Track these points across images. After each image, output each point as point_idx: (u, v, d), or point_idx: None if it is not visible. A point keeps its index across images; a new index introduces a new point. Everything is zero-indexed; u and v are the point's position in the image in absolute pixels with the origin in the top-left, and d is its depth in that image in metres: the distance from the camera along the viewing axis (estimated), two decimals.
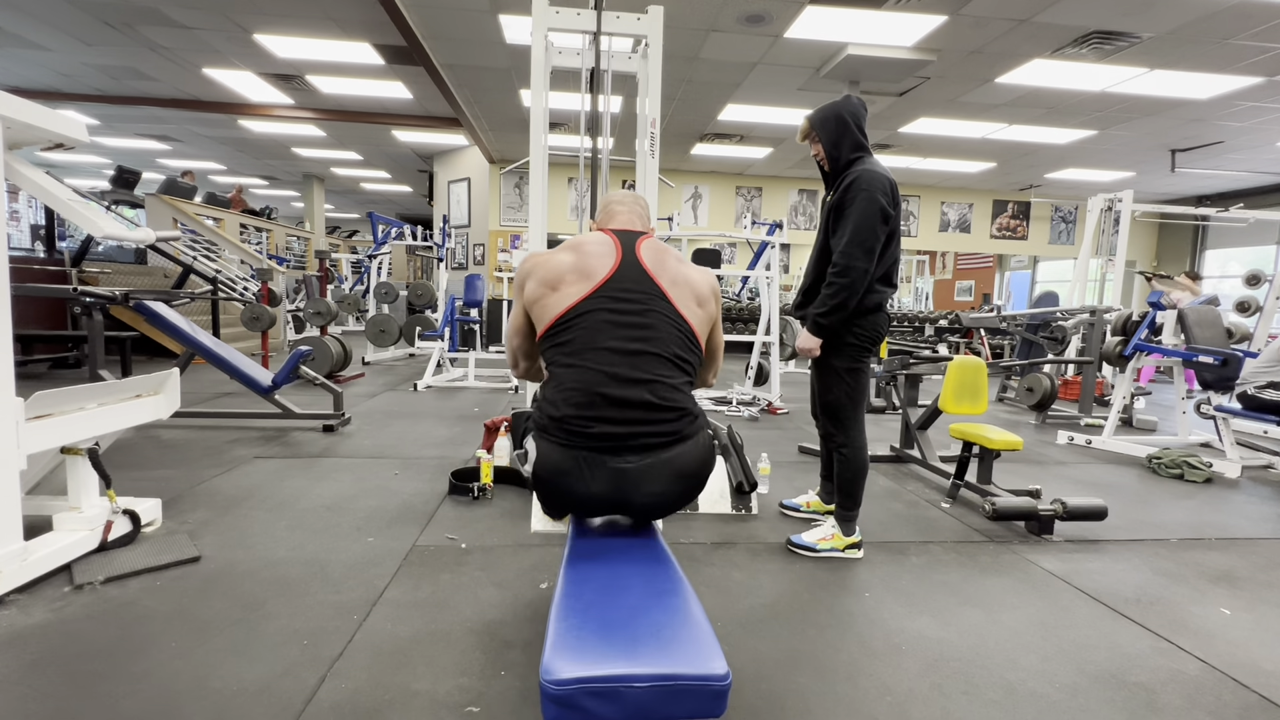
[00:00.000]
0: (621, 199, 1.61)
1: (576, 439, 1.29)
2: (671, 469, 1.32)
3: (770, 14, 4.75)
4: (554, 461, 1.31)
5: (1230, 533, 2.69)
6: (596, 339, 1.32)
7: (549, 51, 2.80)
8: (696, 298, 1.43)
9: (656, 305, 1.37)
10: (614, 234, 1.47)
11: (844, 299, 2.08)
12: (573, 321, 1.35)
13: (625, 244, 1.44)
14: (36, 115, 1.83)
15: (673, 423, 1.32)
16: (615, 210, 1.58)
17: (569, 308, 1.35)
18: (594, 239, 1.45)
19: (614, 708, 0.86)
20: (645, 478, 1.30)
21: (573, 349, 1.33)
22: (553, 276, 1.39)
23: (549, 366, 1.40)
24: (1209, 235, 10.99)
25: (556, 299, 1.37)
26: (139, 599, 1.79)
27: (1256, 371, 3.60)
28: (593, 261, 1.39)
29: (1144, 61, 5.37)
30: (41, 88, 7.46)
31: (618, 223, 1.55)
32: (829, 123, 2.17)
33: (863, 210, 2.05)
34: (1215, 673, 1.63)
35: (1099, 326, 5.19)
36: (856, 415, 2.23)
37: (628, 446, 1.29)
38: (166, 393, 2.37)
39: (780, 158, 9.25)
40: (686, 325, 1.39)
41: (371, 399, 5.08)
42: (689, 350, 1.39)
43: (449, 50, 5.71)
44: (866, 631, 1.77)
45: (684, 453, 1.33)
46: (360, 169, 11.99)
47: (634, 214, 1.58)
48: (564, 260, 1.40)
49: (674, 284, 1.40)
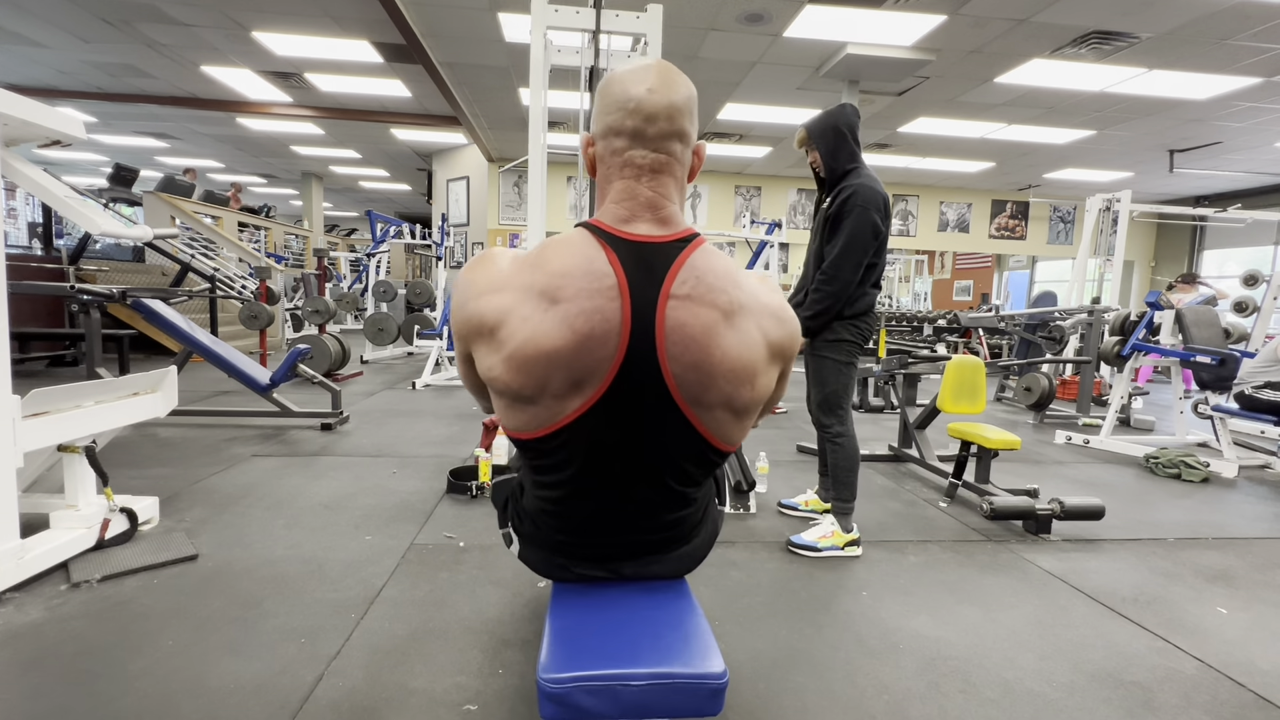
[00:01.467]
0: (639, 105, 0.85)
1: (565, 555, 1.06)
2: (673, 566, 1.09)
3: (769, 13, 4.75)
4: (542, 565, 1.10)
5: (1227, 532, 2.70)
6: (598, 479, 0.95)
7: (548, 50, 2.80)
8: (750, 394, 0.90)
9: (669, 424, 0.89)
10: (617, 254, 0.84)
11: (829, 305, 2.25)
12: (553, 447, 0.91)
13: (638, 289, 0.83)
14: (34, 112, 1.82)
15: (678, 534, 1.07)
16: (626, 150, 0.88)
17: (548, 431, 0.89)
18: (583, 276, 0.83)
19: (611, 705, 0.86)
20: (642, 573, 1.08)
21: (556, 478, 0.97)
22: (521, 355, 0.83)
23: (524, 469, 1.08)
24: (1207, 235, 11.01)
25: (525, 409, 0.88)
26: (136, 597, 1.79)
27: (1254, 371, 3.61)
28: (587, 347, 0.82)
29: (1143, 62, 5.37)
30: (39, 85, 7.44)
31: (633, 204, 0.88)
32: (827, 135, 2.27)
33: (857, 227, 2.19)
34: (1212, 671, 1.63)
35: (1097, 326, 5.20)
36: (849, 406, 2.38)
37: (626, 557, 1.06)
38: (164, 391, 2.37)
39: (779, 157, 9.25)
40: (709, 444, 0.93)
41: (370, 397, 5.07)
42: (708, 462, 0.98)
43: (448, 48, 5.70)
44: (864, 630, 1.77)
45: (690, 549, 1.10)
46: (359, 167, 11.97)
47: (664, 159, 0.88)
48: (549, 336, 0.82)
49: (709, 385, 0.87)
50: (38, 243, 7.85)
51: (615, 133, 0.87)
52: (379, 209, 15.85)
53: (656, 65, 0.88)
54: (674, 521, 1.04)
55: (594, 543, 1.04)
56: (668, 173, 0.89)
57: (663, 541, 1.06)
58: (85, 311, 3.59)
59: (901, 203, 10.90)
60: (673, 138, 0.87)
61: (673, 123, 0.86)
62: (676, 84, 0.87)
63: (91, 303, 3.54)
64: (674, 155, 0.89)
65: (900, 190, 10.84)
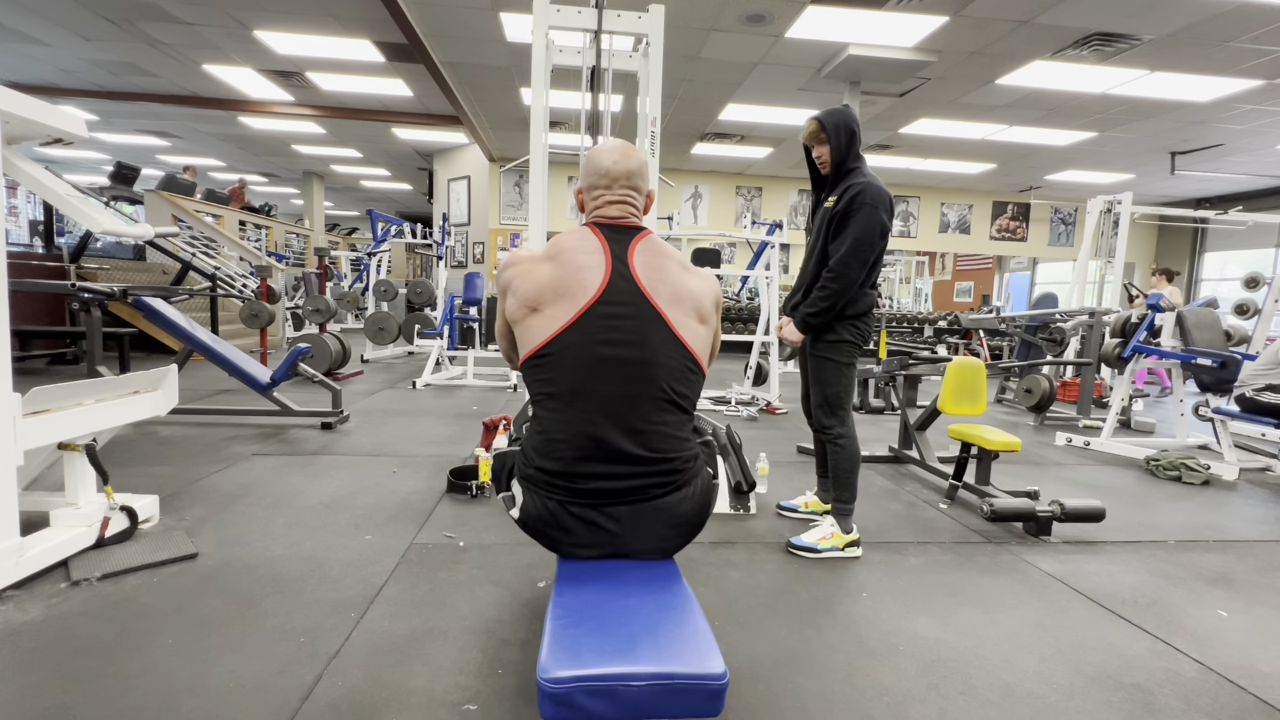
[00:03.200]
0: (607, 170, 1.33)
1: (564, 493, 1.21)
2: (666, 518, 1.23)
3: (771, 14, 4.75)
4: (541, 514, 1.23)
5: (1227, 535, 2.70)
6: (584, 381, 1.18)
7: (550, 50, 2.80)
8: (699, 313, 1.28)
9: (652, 331, 1.21)
10: (603, 234, 1.28)
11: (834, 302, 2.23)
12: (555, 354, 1.20)
13: (616, 251, 1.26)
14: (36, 110, 1.82)
15: (668, 474, 1.22)
16: (602, 194, 1.35)
17: (550, 338, 1.19)
18: (578, 245, 1.26)
19: (611, 706, 0.86)
20: (638, 528, 1.22)
21: (557, 390, 1.20)
22: (532, 295, 1.22)
23: (532, 403, 1.28)
24: (1208, 238, 11.01)
25: (537, 324, 1.21)
26: (136, 596, 1.79)
27: (1255, 374, 3.61)
28: (577, 277, 1.21)
29: (1144, 64, 5.37)
30: (41, 83, 7.45)
31: (608, 213, 1.34)
32: (842, 133, 2.25)
33: (866, 225, 2.18)
34: (1212, 674, 1.63)
35: (1097, 328, 5.19)
36: (849, 407, 2.37)
37: (620, 500, 1.20)
38: (164, 389, 2.37)
39: (780, 158, 9.25)
40: (686, 350, 1.24)
41: (370, 397, 5.07)
42: (689, 380, 1.25)
43: (450, 48, 5.71)
44: (864, 631, 1.77)
45: (680, 500, 1.24)
46: (360, 166, 11.98)
47: (626, 196, 1.35)
48: (544, 274, 1.22)
49: (675, 301, 1.24)
50: (39, 240, 7.85)
51: (595, 187, 1.36)
52: (380, 208, 15.83)
53: (621, 145, 1.37)
54: (661, 436, 1.21)
55: (592, 473, 1.19)
56: (627, 203, 1.36)
57: (653, 472, 1.21)
58: (86, 309, 3.60)
59: (903, 204, 10.90)
60: (629, 189, 1.35)
61: (629, 180, 1.35)
62: (631, 158, 1.36)
63: (92, 301, 3.54)
64: (631, 198, 1.36)
65: (901, 191, 10.84)
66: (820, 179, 2.38)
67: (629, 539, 1.22)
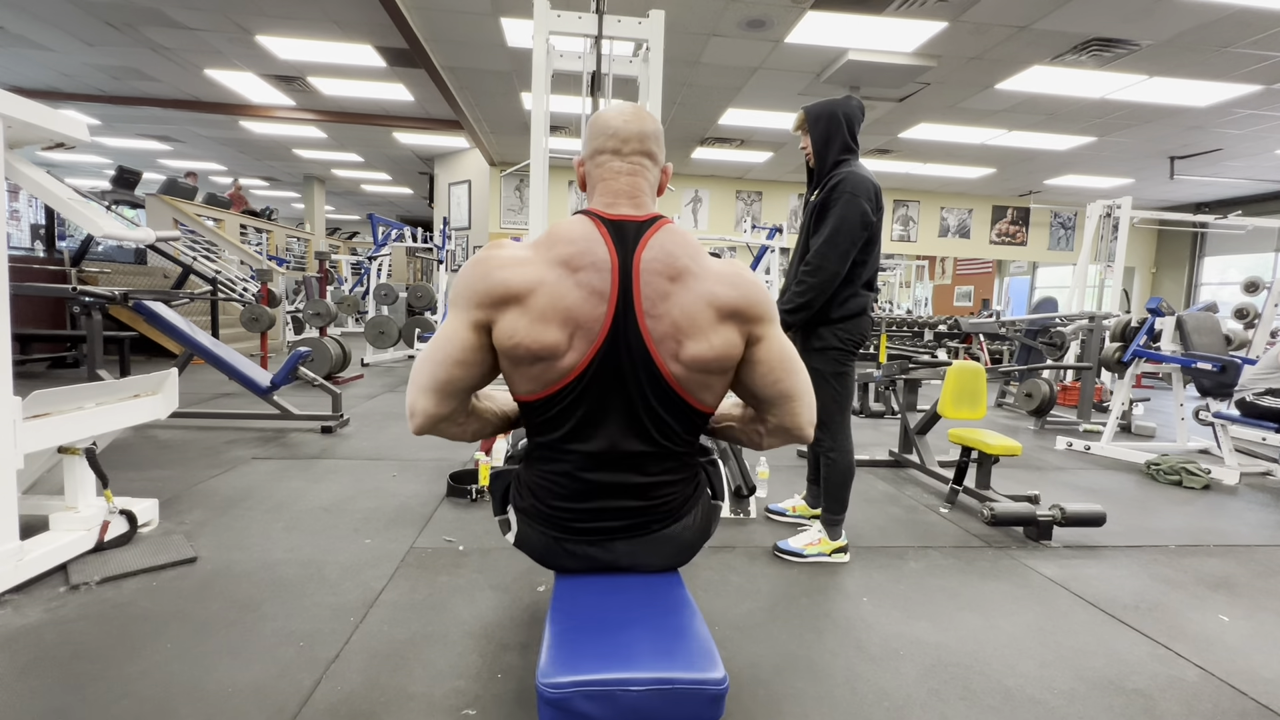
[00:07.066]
0: (616, 130, 1.09)
1: (561, 530, 1.14)
2: (667, 547, 1.18)
3: (771, 19, 4.76)
4: (537, 545, 1.18)
5: (1228, 539, 2.69)
6: (596, 428, 1.06)
7: (550, 55, 2.81)
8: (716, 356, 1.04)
9: (647, 372, 1.04)
10: (607, 230, 1.04)
11: (811, 298, 2.08)
12: (568, 400, 1.05)
13: (623, 258, 1.02)
14: (37, 114, 1.83)
15: (668, 511, 1.15)
16: (609, 160, 1.10)
17: (564, 384, 1.03)
18: (582, 249, 1.01)
19: (610, 711, 0.85)
20: (638, 557, 1.17)
21: (559, 435, 1.08)
22: (551, 311, 0.99)
23: (529, 435, 1.16)
24: (1207, 242, 11.01)
25: (535, 368, 1.02)
26: (135, 600, 1.79)
27: (1255, 378, 3.61)
28: (588, 304, 1.00)
29: (1143, 69, 5.38)
30: (43, 87, 7.47)
31: (617, 186, 1.09)
32: (822, 119, 2.14)
33: (844, 213, 2.04)
34: (1213, 679, 1.62)
35: (1098, 332, 5.19)
36: (844, 419, 2.21)
37: (618, 536, 1.15)
38: (165, 393, 2.37)
39: (780, 162, 9.26)
40: (687, 404, 1.08)
41: (370, 400, 5.07)
42: (685, 420, 1.11)
43: (450, 53, 5.72)
44: (864, 636, 1.76)
45: (681, 530, 1.18)
46: (361, 170, 11.99)
47: (639, 165, 1.10)
48: (549, 289, 0.99)
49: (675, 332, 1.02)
50: (40, 244, 7.86)
51: (601, 151, 1.11)
52: (381, 212, 15.88)
53: (631, 106, 1.15)
54: (663, 485, 1.13)
55: (589, 510, 1.12)
56: (640, 175, 1.11)
57: (654, 510, 1.14)
58: (87, 313, 3.60)
59: (902, 208, 10.91)
60: (642, 155, 1.11)
61: (642, 143, 1.10)
62: (645, 119, 1.12)
63: (93, 304, 3.55)
64: (643, 166, 1.11)
65: (901, 196, 10.85)
66: (813, 173, 2.25)
67: (629, 565, 1.19)
